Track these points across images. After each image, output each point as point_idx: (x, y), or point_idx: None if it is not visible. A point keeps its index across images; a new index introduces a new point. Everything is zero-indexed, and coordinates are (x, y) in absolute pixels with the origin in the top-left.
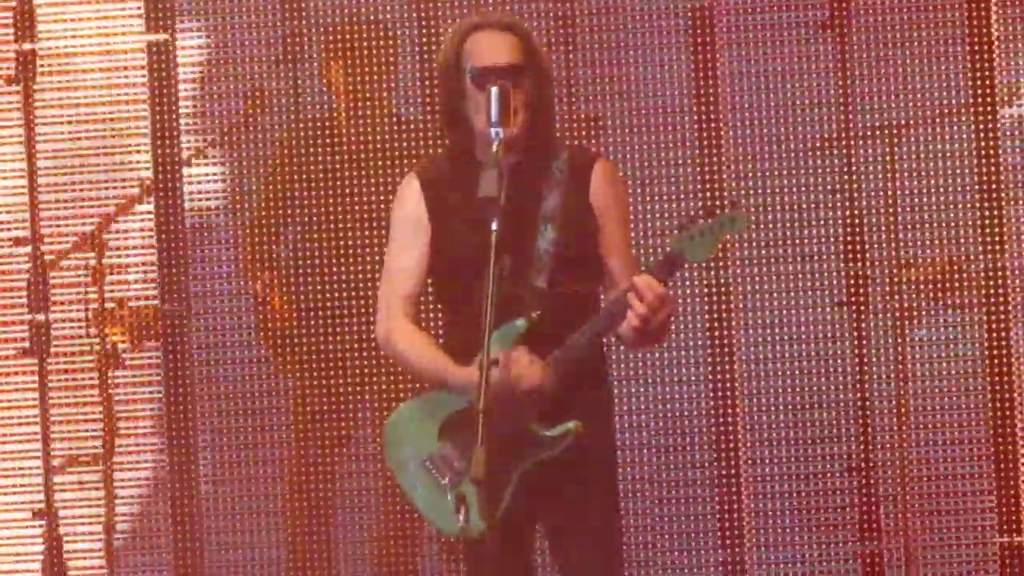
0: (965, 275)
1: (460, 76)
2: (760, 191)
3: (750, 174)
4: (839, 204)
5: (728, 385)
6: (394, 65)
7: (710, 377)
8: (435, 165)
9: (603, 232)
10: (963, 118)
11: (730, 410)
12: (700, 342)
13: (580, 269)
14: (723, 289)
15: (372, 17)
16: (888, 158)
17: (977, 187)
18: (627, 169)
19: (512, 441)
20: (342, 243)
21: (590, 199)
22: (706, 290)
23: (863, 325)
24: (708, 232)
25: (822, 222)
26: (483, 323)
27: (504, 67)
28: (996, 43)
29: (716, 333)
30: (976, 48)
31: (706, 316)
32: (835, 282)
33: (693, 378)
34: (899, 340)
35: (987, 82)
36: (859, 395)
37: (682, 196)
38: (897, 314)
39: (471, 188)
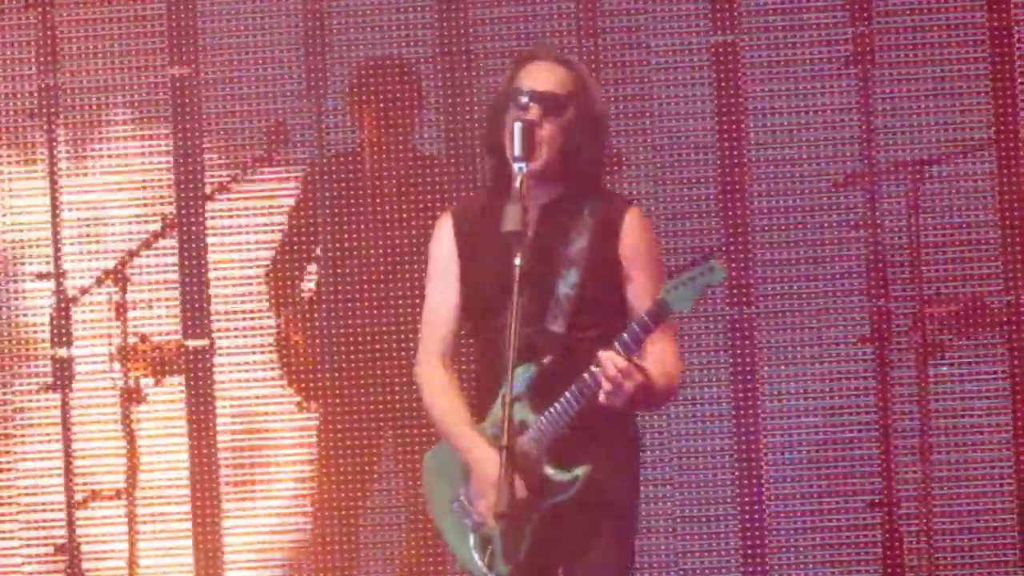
0: (988, 311)
1: (505, 103)
2: (783, 226)
3: (773, 210)
4: (862, 239)
5: (752, 420)
6: (417, 101)
7: (734, 413)
8: (471, 201)
9: (632, 282)
10: (986, 154)
11: (754, 445)
12: (724, 378)
13: (599, 316)
14: (746, 324)
15: (396, 52)
16: (911, 193)
17: (1000, 223)
18: (650, 204)
19: (529, 483)
20: (364, 278)
21: (619, 248)
22: (729, 326)
23: (886, 361)
24: (689, 282)
25: (845, 257)
26: (505, 360)
27: (543, 93)
28: (1020, 78)
29: (740, 369)
30: (999, 83)
31: (730, 351)
32: (858, 318)
33: (717, 414)
34: (922, 376)
35: (1010, 117)
36: (882, 430)
37: (705, 232)
38: (920, 350)
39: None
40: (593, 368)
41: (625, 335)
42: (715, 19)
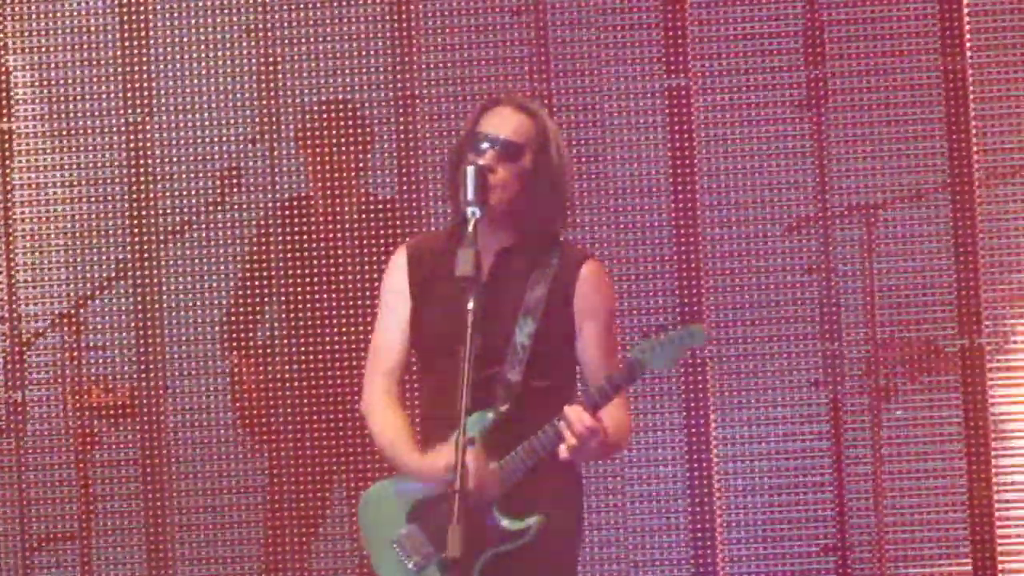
0: (941, 355)
1: (465, 147)
2: (737, 270)
3: (726, 253)
4: (815, 283)
5: (704, 465)
6: (368, 144)
7: (686, 457)
8: (429, 239)
9: (581, 334)
10: (940, 197)
11: (706, 490)
12: (676, 422)
13: (556, 366)
14: (699, 368)
15: (346, 97)
16: (864, 237)
17: (954, 267)
18: (603, 249)
19: (476, 529)
20: (316, 321)
21: (573, 302)
22: (682, 370)
23: (839, 404)
24: (669, 343)
25: (799, 301)
26: (458, 403)
27: (500, 138)
28: (974, 122)
29: (692, 413)
30: (954, 127)
31: (682, 396)
32: (811, 361)
33: (669, 458)
34: (875, 420)
35: (965, 161)
36: (835, 475)
37: (658, 275)
38: (873, 393)
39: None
40: (557, 422)
41: (593, 392)
42: (668, 63)
